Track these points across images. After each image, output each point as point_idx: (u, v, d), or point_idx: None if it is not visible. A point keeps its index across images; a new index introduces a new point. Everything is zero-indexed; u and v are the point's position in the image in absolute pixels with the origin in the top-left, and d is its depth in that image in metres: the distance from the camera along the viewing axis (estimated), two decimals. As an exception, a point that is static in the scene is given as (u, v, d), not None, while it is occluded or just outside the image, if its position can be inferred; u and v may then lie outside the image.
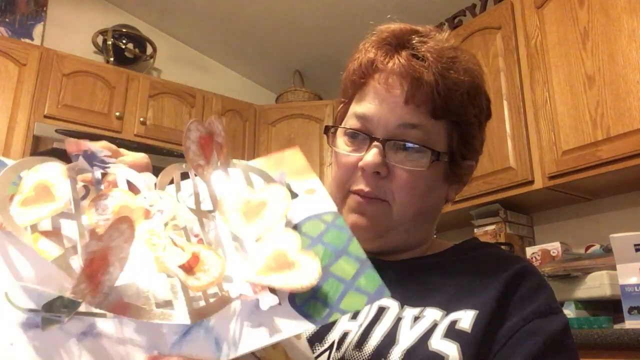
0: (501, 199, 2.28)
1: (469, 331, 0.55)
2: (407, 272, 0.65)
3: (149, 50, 3.32)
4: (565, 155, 1.99)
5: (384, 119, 0.62)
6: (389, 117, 0.62)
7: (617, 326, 1.61)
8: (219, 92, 3.36)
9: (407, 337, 0.55)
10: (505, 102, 2.26)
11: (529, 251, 2.19)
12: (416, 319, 0.57)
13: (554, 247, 2.12)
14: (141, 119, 2.96)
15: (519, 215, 2.42)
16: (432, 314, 0.57)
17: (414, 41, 0.64)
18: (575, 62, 2.01)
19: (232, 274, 0.39)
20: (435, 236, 0.75)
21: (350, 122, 0.66)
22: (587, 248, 2.09)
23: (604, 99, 1.90)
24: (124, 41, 3.18)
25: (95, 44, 3.25)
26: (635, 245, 1.56)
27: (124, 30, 3.22)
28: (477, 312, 0.56)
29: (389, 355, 0.54)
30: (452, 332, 0.55)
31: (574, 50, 2.03)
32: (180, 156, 2.99)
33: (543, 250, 2.14)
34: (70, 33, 3.22)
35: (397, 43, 0.65)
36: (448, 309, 0.58)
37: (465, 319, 0.56)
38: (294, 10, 3.17)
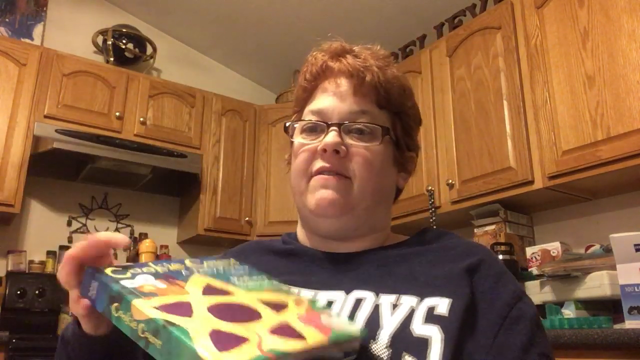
0: (501, 199, 2.28)
1: (447, 315, 0.59)
2: (377, 265, 0.69)
3: (149, 50, 3.32)
4: (565, 155, 1.99)
5: (337, 108, 0.71)
6: (341, 106, 0.71)
7: (617, 326, 1.61)
8: (219, 92, 3.36)
9: (390, 322, 0.58)
10: (505, 102, 2.26)
11: (529, 251, 2.19)
12: (394, 306, 0.60)
13: (554, 247, 2.12)
14: (141, 119, 2.96)
15: (519, 215, 2.41)
16: (408, 300, 0.61)
17: (354, 48, 0.76)
18: (575, 62, 2.01)
19: None
20: None
21: (306, 118, 0.74)
22: (587, 248, 2.08)
23: (604, 99, 1.90)
24: (124, 41, 3.18)
25: (95, 44, 3.25)
26: (635, 245, 1.56)
27: (124, 30, 3.22)
28: (451, 300, 0.60)
29: (377, 336, 0.57)
30: (432, 317, 0.59)
31: (574, 50, 2.03)
32: (179, 156, 3.00)
33: (543, 250, 2.14)
34: (70, 33, 3.22)
35: (341, 52, 0.75)
36: (422, 295, 0.61)
37: (442, 305, 0.60)
38: (294, 10, 3.17)
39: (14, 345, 2.17)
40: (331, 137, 0.68)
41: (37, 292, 2.62)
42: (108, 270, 0.52)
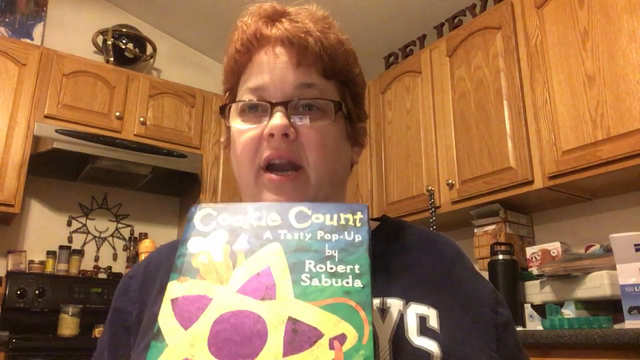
0: (501, 199, 2.28)
1: (439, 331, 0.55)
2: None
3: (149, 50, 3.32)
4: (565, 155, 1.99)
5: (280, 84, 0.62)
6: (284, 82, 0.62)
7: (617, 326, 1.61)
8: (219, 92, 3.35)
9: (384, 330, 0.54)
10: (505, 102, 2.26)
11: (529, 251, 2.19)
12: (382, 311, 0.56)
13: (554, 247, 2.12)
14: (141, 119, 2.96)
15: (519, 215, 2.42)
16: (395, 304, 0.56)
17: (289, 10, 0.66)
18: (575, 62, 2.01)
19: None
20: None
21: (244, 98, 0.65)
22: (587, 248, 2.08)
23: (604, 99, 1.90)
24: (124, 41, 3.18)
25: (95, 44, 3.25)
26: (635, 245, 1.56)
27: (124, 30, 3.22)
28: (437, 311, 0.57)
29: (377, 347, 0.53)
30: (426, 331, 0.55)
31: (574, 50, 2.03)
32: (179, 156, 2.99)
33: (543, 250, 2.14)
34: (70, 33, 3.22)
35: (275, 15, 0.65)
36: (406, 298, 0.57)
37: (432, 318, 0.56)
38: (294, 10, 3.17)
39: (14, 345, 2.17)
40: (278, 119, 0.60)
41: (37, 292, 2.62)
42: (198, 216, 0.48)
